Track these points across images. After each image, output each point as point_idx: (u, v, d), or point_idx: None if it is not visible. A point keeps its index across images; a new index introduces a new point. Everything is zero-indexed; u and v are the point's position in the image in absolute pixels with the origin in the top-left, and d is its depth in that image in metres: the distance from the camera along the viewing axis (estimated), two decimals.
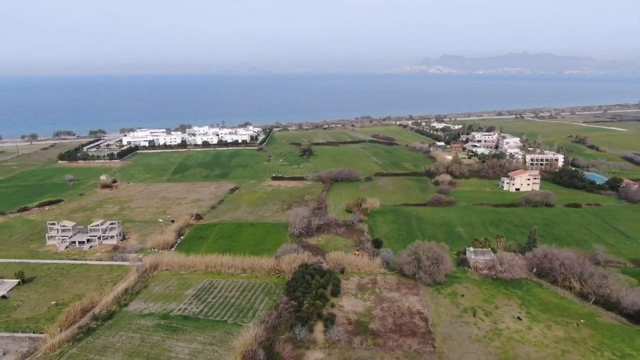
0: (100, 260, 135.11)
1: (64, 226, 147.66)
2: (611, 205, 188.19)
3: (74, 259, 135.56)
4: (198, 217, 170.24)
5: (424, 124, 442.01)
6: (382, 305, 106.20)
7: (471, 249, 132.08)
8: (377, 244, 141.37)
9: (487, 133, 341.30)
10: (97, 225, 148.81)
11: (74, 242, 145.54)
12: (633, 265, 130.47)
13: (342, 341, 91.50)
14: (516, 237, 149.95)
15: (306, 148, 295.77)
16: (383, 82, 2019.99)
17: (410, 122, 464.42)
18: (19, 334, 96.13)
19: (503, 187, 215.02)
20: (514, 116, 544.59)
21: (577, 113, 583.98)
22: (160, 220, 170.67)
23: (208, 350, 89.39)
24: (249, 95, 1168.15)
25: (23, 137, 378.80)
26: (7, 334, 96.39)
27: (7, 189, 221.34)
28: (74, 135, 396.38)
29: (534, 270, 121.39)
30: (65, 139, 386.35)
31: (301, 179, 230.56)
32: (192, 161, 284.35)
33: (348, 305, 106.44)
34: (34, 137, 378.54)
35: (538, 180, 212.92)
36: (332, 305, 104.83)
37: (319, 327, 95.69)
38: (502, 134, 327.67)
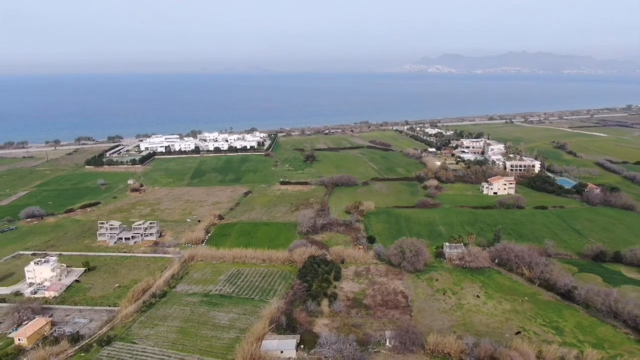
0: (145, 253, 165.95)
1: (112, 225, 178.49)
2: (573, 207, 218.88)
3: (124, 252, 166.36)
4: (220, 217, 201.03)
5: (418, 129, 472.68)
6: (373, 287, 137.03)
7: (447, 244, 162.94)
8: (371, 240, 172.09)
9: (475, 140, 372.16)
10: (140, 224, 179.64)
11: (121, 238, 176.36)
12: (578, 257, 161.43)
13: (342, 312, 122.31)
14: (487, 234, 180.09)
15: (309, 154, 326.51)
16: (383, 83, 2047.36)
17: (405, 128, 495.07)
18: (98, 307, 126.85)
19: (483, 191, 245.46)
20: (504, 121, 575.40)
21: (565, 118, 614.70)
22: (188, 220, 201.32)
23: (242, 318, 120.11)
24: (252, 97, 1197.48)
25: (47, 142, 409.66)
26: (89, 307, 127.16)
27: (49, 192, 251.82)
28: (93, 140, 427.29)
29: (496, 261, 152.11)
30: (85, 144, 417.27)
31: (306, 183, 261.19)
32: (207, 166, 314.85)
33: (347, 287, 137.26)
34: (57, 142, 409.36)
35: (513, 185, 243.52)
36: (335, 287, 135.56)
37: (325, 302, 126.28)
38: (488, 141, 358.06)
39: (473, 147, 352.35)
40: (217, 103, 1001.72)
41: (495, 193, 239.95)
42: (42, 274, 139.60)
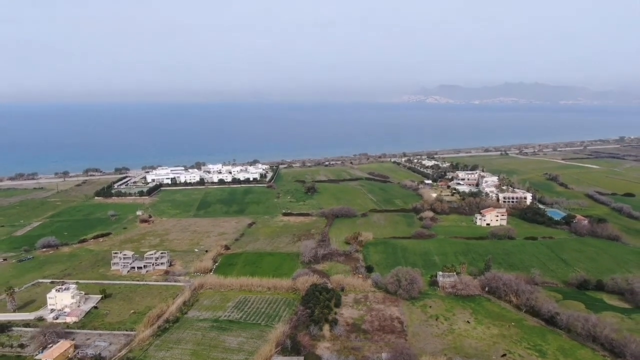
0: (157, 281, 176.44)
1: (125, 255, 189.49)
2: (562, 238, 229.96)
3: (137, 280, 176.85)
4: (226, 247, 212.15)
5: (415, 161, 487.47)
6: (371, 313, 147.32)
7: (441, 273, 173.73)
8: (369, 269, 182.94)
9: (470, 172, 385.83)
10: (152, 254, 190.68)
11: (134, 267, 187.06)
12: (563, 285, 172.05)
13: (343, 336, 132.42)
14: (479, 264, 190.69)
15: (310, 186, 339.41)
16: (382, 114, 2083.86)
17: (403, 160, 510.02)
18: (116, 332, 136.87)
19: (476, 222, 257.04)
20: (499, 153, 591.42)
21: (559, 149, 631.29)
22: (196, 250, 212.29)
23: (250, 342, 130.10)
24: (254, 128, 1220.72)
25: (57, 173, 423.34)
26: (108, 332, 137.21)
27: (61, 223, 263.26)
28: (101, 172, 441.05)
29: (486, 289, 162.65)
30: (93, 175, 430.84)
31: (307, 214, 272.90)
32: (212, 198, 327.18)
33: (347, 313, 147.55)
34: (66, 174, 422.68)
35: (505, 217, 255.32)
36: (335, 313, 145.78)
37: (326, 327, 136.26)
38: (482, 173, 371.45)
39: (468, 179, 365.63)
40: (220, 133, 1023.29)
41: (488, 224, 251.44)
42: (63, 301, 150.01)
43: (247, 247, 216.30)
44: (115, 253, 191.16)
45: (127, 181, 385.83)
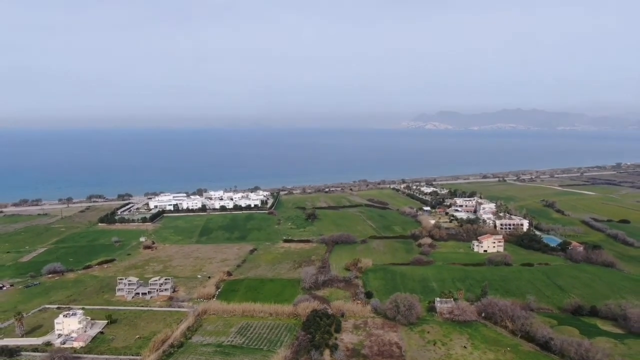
0: (161, 307, 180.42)
1: (130, 281, 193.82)
2: (558, 264, 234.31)
3: (142, 306, 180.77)
4: (229, 273, 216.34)
5: (414, 187, 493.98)
6: (370, 338, 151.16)
7: (438, 299, 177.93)
8: (369, 295, 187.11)
9: (468, 199, 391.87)
10: (156, 280, 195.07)
11: (138, 293, 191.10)
12: (559, 311, 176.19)
13: None
14: (476, 290, 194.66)
15: (310, 213, 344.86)
16: (382, 140, 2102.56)
17: (402, 186, 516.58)
18: (122, 357, 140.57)
19: (474, 249, 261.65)
20: (497, 179, 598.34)
21: (556, 176, 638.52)
22: (199, 276, 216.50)
23: None
24: (255, 154, 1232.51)
25: (60, 200, 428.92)
26: (114, 357, 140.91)
27: (66, 249, 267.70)
28: (104, 198, 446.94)
29: (482, 315, 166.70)
30: (96, 201, 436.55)
31: (308, 241, 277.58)
32: (214, 224, 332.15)
33: (347, 338, 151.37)
34: (69, 200, 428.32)
35: (502, 243, 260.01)
36: (336, 338, 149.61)
37: (327, 352, 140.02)
38: (480, 200, 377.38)
39: (466, 206, 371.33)
40: (221, 159, 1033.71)
41: (485, 251, 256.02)
42: (70, 326, 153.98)
43: (249, 273, 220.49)
44: (121, 279, 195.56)
45: (130, 207, 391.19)
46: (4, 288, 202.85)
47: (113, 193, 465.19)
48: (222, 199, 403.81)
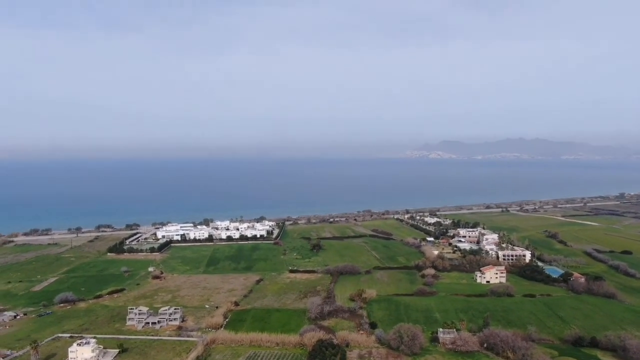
0: (171, 336, 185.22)
1: (140, 310, 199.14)
2: (560, 295, 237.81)
3: (152, 335, 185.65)
4: (236, 304, 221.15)
5: (418, 217, 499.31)
6: None
7: (441, 329, 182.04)
8: (373, 325, 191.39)
9: (471, 229, 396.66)
10: (165, 310, 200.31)
11: (148, 322, 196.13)
12: (559, 342, 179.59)
13: None
14: (478, 320, 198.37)
15: (315, 243, 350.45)
16: (386, 169, 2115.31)
17: (406, 217, 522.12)
18: None
19: (476, 279, 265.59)
20: (500, 210, 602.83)
21: (559, 206, 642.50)
22: (207, 306, 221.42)
23: None
24: (260, 184, 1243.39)
25: (70, 229, 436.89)
26: None
27: (77, 279, 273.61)
28: (112, 228, 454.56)
29: (484, 345, 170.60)
30: (105, 231, 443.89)
31: (313, 271, 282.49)
32: (220, 254, 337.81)
33: None
34: (79, 229, 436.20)
35: (504, 274, 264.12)
36: None
37: None
38: (483, 231, 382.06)
39: (469, 237, 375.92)
40: (228, 188, 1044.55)
41: (487, 282, 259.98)
42: (84, 355, 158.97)
43: (255, 303, 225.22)
44: (131, 309, 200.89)
45: (138, 237, 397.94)
46: (18, 317, 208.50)
47: (121, 223, 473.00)
48: (228, 229, 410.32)
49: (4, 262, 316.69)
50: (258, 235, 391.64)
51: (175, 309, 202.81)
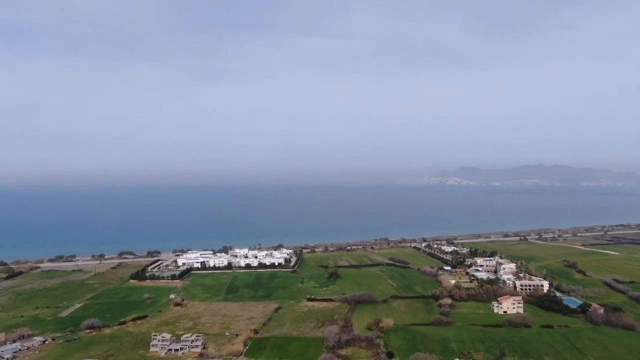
0: None
1: (163, 337, 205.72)
2: (578, 326, 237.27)
3: None
4: (255, 331, 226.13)
5: (435, 246, 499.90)
6: None
7: None
8: (390, 355, 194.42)
9: (488, 258, 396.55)
10: (187, 337, 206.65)
11: (171, 349, 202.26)
12: None
13: None
14: (495, 351, 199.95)
15: (333, 272, 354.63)
16: (404, 196, 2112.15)
17: (423, 245, 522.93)
18: None
19: (493, 309, 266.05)
20: (519, 238, 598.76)
21: (579, 235, 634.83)
22: (227, 333, 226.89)
23: None
24: (277, 212, 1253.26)
25: (93, 256, 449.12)
26: None
27: (101, 305, 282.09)
28: (134, 255, 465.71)
29: None
30: (127, 258, 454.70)
31: (331, 300, 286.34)
32: (240, 282, 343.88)
33: None
34: (102, 256, 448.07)
35: (521, 305, 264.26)
36: None
37: None
38: (500, 260, 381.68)
39: (486, 266, 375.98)
40: (245, 216, 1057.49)
41: (505, 312, 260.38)
42: None
43: (274, 331, 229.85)
44: (155, 335, 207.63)
45: (159, 264, 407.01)
46: (47, 342, 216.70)
47: (142, 250, 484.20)
48: (247, 257, 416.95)
49: (31, 288, 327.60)
50: (276, 263, 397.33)
51: (197, 336, 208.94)
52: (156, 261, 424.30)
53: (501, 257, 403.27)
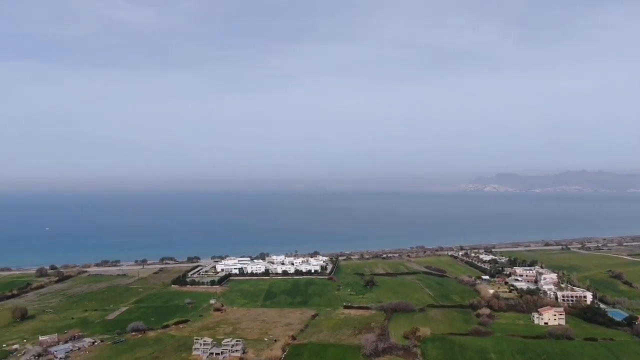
0: None
1: (205, 341, 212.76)
2: (623, 340, 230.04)
3: None
4: (293, 337, 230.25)
5: (473, 255, 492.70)
6: None
7: None
8: None
9: (528, 268, 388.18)
10: (228, 341, 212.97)
11: (212, 353, 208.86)
12: None
13: None
14: None
15: (369, 279, 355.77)
16: (441, 207, 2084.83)
17: (460, 253, 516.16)
18: None
19: (534, 320, 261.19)
20: (560, 247, 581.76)
21: (624, 244, 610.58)
22: (266, 339, 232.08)
23: None
24: (314, 221, 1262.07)
25: (136, 261, 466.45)
26: None
27: (146, 309, 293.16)
28: (174, 260, 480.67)
29: None
30: (168, 263, 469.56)
31: (367, 308, 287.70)
32: (277, 288, 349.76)
33: None
34: (144, 261, 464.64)
35: (563, 316, 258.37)
36: None
37: None
38: (540, 270, 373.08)
39: (526, 276, 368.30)
40: (279, 223, 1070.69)
41: (545, 323, 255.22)
42: None
43: (311, 337, 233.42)
44: (197, 339, 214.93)
45: (199, 270, 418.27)
46: (96, 343, 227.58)
47: (182, 255, 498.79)
48: (283, 264, 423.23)
49: (80, 292, 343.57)
50: (312, 270, 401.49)
51: (237, 341, 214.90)
52: (196, 267, 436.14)
53: (542, 267, 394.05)
